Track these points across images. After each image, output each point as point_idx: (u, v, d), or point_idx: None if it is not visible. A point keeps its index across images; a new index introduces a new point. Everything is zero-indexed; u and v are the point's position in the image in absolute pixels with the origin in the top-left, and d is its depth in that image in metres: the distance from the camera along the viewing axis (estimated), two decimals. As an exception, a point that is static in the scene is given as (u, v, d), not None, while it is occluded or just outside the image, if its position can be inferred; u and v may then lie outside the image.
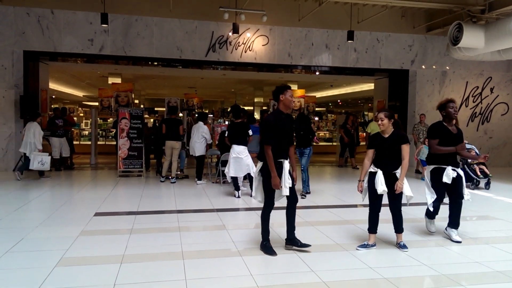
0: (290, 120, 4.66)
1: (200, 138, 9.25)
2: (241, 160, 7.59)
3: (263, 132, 4.50)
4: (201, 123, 9.47)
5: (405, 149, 4.63)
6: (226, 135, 8.29)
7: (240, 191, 7.81)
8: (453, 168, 5.02)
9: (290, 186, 4.47)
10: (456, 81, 13.24)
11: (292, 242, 4.62)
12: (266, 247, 4.53)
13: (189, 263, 4.19)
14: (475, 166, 9.02)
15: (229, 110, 20.78)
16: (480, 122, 13.48)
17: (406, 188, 4.65)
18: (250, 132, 7.85)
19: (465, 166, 8.94)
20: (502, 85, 13.57)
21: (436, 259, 4.49)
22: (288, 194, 4.44)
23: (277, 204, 4.63)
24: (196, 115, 11.48)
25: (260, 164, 4.57)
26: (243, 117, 8.14)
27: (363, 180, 4.74)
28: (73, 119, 14.19)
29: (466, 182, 8.64)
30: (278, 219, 5.15)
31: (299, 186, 7.70)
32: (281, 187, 4.41)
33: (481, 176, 8.96)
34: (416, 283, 3.87)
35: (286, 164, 4.49)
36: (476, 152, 9.20)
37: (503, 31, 9.13)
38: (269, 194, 4.52)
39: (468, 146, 9.17)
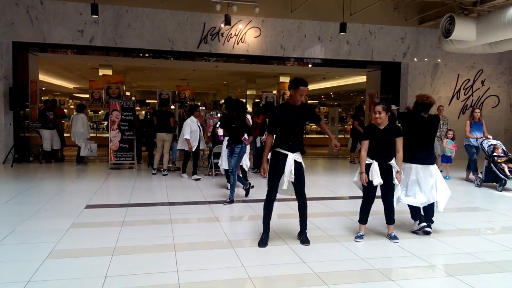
0: (298, 112, 4.47)
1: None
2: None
3: (268, 122, 4.75)
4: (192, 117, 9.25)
5: (400, 142, 4.71)
6: (217, 126, 8.24)
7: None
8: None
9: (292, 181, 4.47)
10: (448, 73, 13.30)
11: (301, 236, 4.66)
12: (260, 238, 4.54)
13: (181, 255, 4.18)
14: (503, 164, 8.02)
15: (221, 102, 20.72)
16: (471, 114, 13.55)
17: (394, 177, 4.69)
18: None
19: (492, 164, 8.11)
20: (493, 77, 13.65)
21: (427, 250, 4.52)
22: (286, 188, 4.44)
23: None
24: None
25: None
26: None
27: (364, 172, 4.67)
28: (63, 112, 14.05)
29: (493, 182, 8.23)
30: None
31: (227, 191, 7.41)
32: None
33: (510, 176, 7.92)
34: (407, 273, 3.89)
35: (290, 158, 4.43)
36: (503, 150, 8.34)
37: (494, 24, 9.17)
38: (270, 186, 4.54)
39: (494, 142, 8.52)
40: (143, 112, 16.75)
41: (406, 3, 12.16)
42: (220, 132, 7.49)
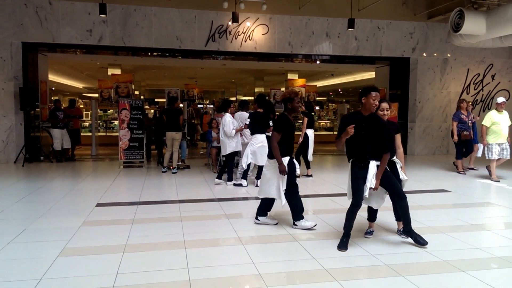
0: None
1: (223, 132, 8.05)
2: (265, 148, 7.17)
3: None
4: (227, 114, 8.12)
5: (399, 138, 4.85)
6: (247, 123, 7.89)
7: (247, 180, 7.79)
8: None
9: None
10: (457, 68, 13.18)
11: (408, 234, 4.57)
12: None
13: (191, 252, 4.21)
14: None
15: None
16: (482, 109, 13.44)
17: (400, 172, 4.69)
18: (271, 123, 7.28)
19: None
20: (503, 72, 13.50)
21: (437, 245, 4.49)
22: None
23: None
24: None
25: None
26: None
27: None
28: (80, 111, 14.21)
29: None
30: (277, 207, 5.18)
31: None
32: None
33: None
34: (417, 269, 3.87)
35: None
36: None
37: (504, 18, 9.06)
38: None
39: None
40: (152, 111, 16.86)
41: (414, -3, 12.09)
42: None
